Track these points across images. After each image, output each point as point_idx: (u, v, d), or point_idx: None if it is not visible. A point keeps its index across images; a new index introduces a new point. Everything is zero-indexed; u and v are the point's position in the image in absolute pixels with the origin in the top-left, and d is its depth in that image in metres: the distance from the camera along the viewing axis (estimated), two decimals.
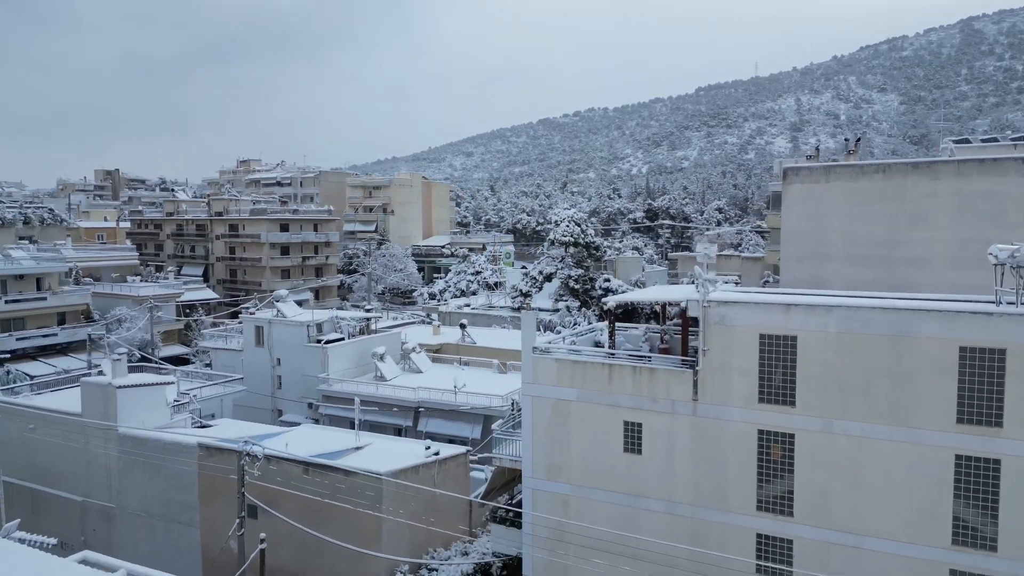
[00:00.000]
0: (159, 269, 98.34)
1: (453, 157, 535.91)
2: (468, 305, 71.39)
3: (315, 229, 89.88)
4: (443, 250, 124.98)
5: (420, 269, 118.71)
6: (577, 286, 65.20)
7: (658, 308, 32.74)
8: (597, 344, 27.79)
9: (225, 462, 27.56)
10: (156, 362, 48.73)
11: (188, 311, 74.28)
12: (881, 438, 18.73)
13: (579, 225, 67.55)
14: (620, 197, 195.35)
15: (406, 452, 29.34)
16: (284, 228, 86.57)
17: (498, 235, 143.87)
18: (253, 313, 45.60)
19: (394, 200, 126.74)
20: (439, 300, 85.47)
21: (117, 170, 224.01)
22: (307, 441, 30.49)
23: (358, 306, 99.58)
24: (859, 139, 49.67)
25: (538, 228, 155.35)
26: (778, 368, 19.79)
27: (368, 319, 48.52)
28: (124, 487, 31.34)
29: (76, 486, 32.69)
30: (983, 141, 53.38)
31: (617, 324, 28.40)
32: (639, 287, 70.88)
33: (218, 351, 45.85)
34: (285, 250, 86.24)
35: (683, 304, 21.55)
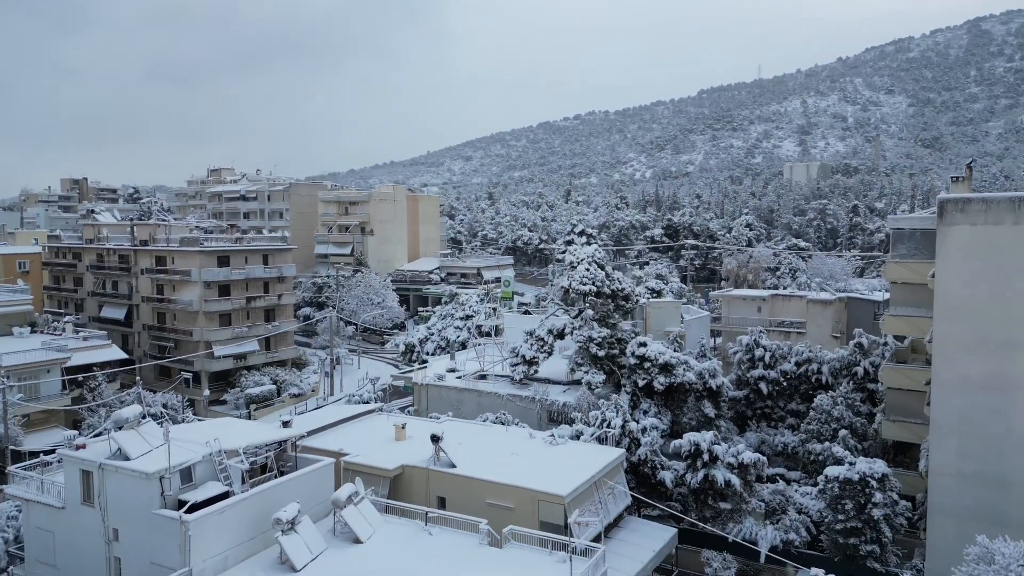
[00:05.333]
0: (78, 309, 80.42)
1: (452, 161, 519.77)
2: (454, 371, 53.31)
3: (264, 261, 71.71)
4: (431, 276, 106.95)
5: (403, 300, 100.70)
6: (601, 351, 47.13)
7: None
8: None
9: None
10: None
11: (82, 378, 56.17)
12: None
13: (602, 267, 49.54)
14: (628, 206, 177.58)
15: None
16: (223, 262, 68.40)
17: (495, 256, 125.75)
18: (82, 446, 27.61)
19: (374, 217, 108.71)
20: (418, 353, 67.40)
21: (85, 179, 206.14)
22: None
23: (326, 347, 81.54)
24: None
25: (541, 246, 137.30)
26: None
27: (282, 442, 30.36)
28: None
29: None
30: None
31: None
32: (678, 345, 52.66)
33: (30, 504, 27.93)
34: (225, 290, 68.09)
35: None
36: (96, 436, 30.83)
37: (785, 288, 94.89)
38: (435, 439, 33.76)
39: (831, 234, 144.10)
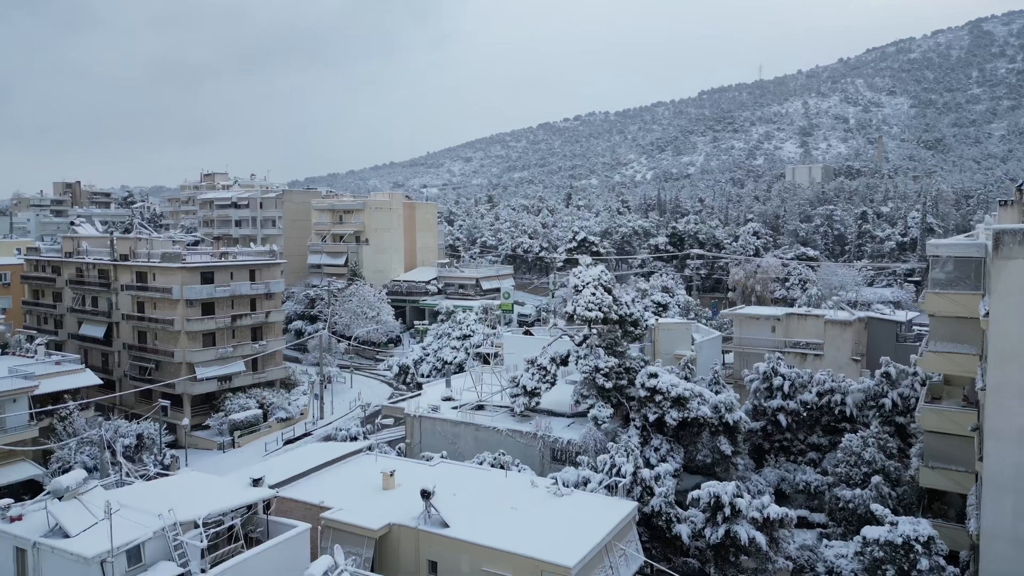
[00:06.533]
0: (57, 326, 76.83)
1: (452, 163, 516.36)
2: (449, 400, 49.81)
3: (251, 277, 68.15)
4: (428, 287, 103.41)
5: (399, 313, 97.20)
6: (608, 383, 43.60)
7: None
8: None
9: None
10: None
11: (53, 404, 52.58)
12: None
13: (609, 291, 45.96)
14: (630, 211, 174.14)
15: None
16: (207, 278, 64.87)
17: (495, 265, 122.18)
18: (17, 518, 24.18)
19: (369, 226, 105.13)
20: (412, 376, 63.85)
21: (78, 182, 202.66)
22: None
23: (317, 364, 78.03)
24: None
25: (541, 254, 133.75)
26: None
27: (251, 505, 26.78)
28: None
29: None
30: None
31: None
32: (689, 371, 49.03)
33: None
34: (208, 308, 64.53)
35: None
36: (59, 472, 27.12)
37: (795, 300, 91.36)
38: (425, 495, 30.18)
39: (838, 241, 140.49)
